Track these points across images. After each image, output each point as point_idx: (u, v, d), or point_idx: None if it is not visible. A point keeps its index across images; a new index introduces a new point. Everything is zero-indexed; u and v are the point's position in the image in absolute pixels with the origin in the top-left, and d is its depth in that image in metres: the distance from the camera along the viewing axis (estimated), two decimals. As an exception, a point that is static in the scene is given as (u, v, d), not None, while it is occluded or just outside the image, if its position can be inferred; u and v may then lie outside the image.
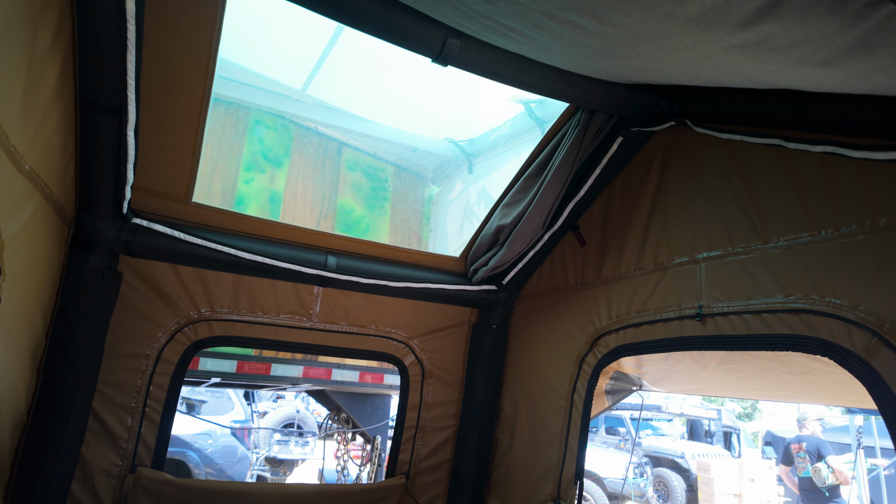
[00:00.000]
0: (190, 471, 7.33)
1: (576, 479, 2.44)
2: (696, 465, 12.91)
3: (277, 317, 2.67)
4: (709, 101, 1.91)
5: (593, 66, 1.47)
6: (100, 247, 2.17)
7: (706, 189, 2.05)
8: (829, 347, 1.58)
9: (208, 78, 2.03)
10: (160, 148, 2.16)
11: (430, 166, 5.16)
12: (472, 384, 3.07)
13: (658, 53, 1.12)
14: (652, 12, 0.91)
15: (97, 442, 2.32)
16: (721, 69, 1.15)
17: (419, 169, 5.15)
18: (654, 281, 2.20)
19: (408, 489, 2.97)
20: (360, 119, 4.51)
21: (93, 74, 1.68)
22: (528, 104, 3.74)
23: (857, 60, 0.87)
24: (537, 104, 3.69)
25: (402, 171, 5.04)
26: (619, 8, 0.93)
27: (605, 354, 2.40)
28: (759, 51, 0.94)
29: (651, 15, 0.92)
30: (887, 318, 1.45)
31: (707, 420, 16.31)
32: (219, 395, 9.05)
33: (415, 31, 1.69)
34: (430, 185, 5.31)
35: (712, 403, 18.34)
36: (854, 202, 1.57)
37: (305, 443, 10.62)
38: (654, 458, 13.89)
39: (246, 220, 2.56)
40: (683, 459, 13.28)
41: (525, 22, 1.13)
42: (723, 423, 16.53)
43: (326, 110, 4.44)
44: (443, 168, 5.11)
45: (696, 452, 13.47)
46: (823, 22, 0.77)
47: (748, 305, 1.81)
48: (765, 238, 1.81)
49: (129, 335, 2.40)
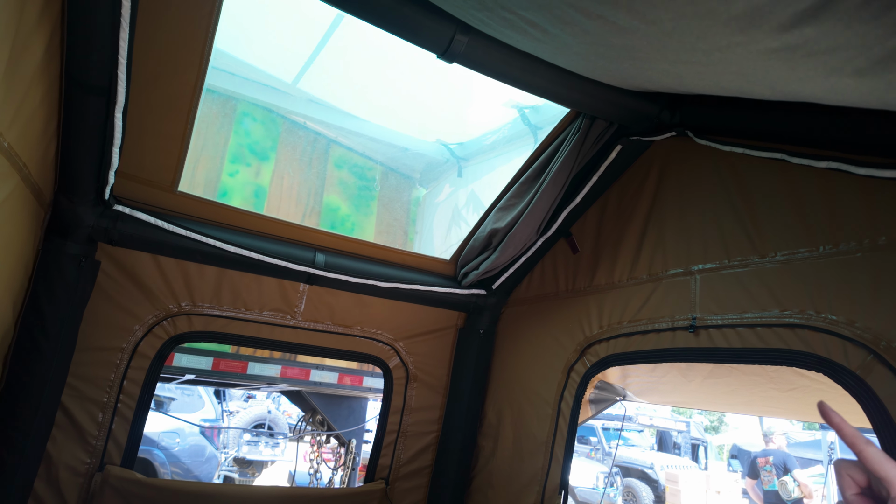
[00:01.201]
0: (156, 470, 7.11)
1: (560, 488, 2.42)
2: (665, 476, 13.08)
3: (261, 313, 2.59)
4: (711, 113, 1.91)
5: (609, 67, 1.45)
6: (78, 233, 2.07)
7: (703, 200, 2.05)
8: (823, 363, 1.58)
9: (203, 63, 1.95)
10: (148, 133, 2.08)
11: (418, 168, 5.11)
12: (457, 389, 3.03)
13: (687, 55, 1.10)
14: (694, 8, 0.89)
15: (65, 438, 2.21)
16: (747, 76, 1.14)
17: (408, 170, 5.10)
18: (648, 291, 2.19)
19: (387, 494, 2.91)
20: (350, 116, 4.45)
21: (82, 51, 1.60)
22: (522, 110, 3.73)
23: (891, 71, 0.86)
24: (531, 110, 3.68)
25: (391, 171, 4.99)
26: (660, 2, 0.91)
27: (595, 363, 2.38)
28: (794, 56, 0.93)
29: (692, 11, 0.90)
30: (884, 335, 1.46)
31: (676, 432, 16.57)
32: (189, 393, 8.82)
33: (423, 25, 1.65)
34: (418, 186, 5.26)
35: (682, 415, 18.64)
36: (854, 219, 1.58)
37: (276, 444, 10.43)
38: (623, 469, 14.02)
39: (233, 212, 2.48)
40: (652, 470, 13.43)
41: (550, 15, 1.10)
42: (691, 436, 16.81)
43: (317, 105, 4.36)
44: (431, 170, 5.07)
45: (665, 464, 13.65)
46: (866, 28, 0.76)
47: (743, 319, 1.81)
48: (762, 252, 1.81)
49: (105, 327, 2.29)
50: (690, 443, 16.58)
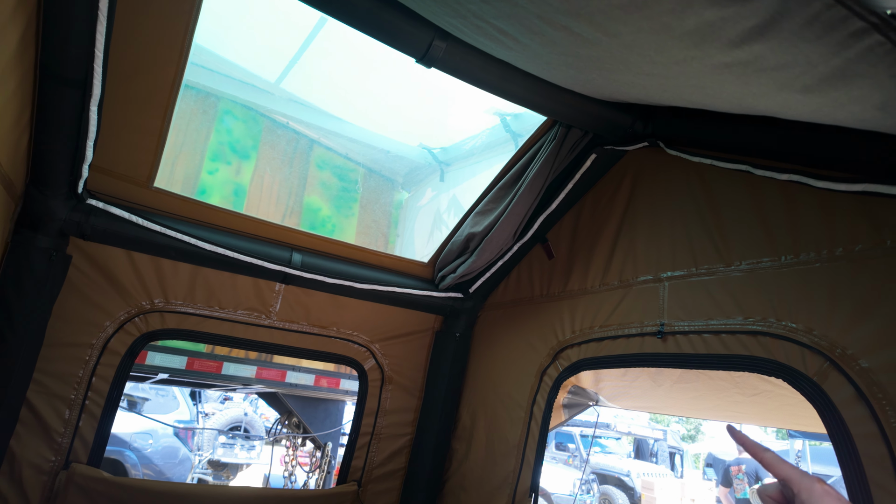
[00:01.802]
0: (127, 471, 6.98)
1: (531, 491, 2.44)
2: (641, 483, 13.21)
3: (235, 312, 2.58)
4: (682, 125, 1.97)
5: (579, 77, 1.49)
6: (49, 226, 2.05)
7: (674, 210, 2.10)
8: (783, 370, 1.63)
9: (182, 59, 1.95)
10: (124, 128, 2.06)
11: (401, 171, 5.13)
12: (432, 392, 3.04)
13: (648, 67, 1.14)
14: (650, 22, 0.93)
15: (29, 434, 2.16)
16: (705, 89, 1.19)
17: (390, 173, 5.12)
18: (619, 297, 2.23)
19: (359, 496, 2.90)
20: (333, 118, 4.45)
21: (58, 43, 1.59)
22: (503, 117, 3.77)
23: (835, 89, 0.91)
24: (513, 118, 3.73)
25: (373, 173, 4.99)
26: (618, 16, 0.94)
27: (567, 367, 2.41)
28: (745, 71, 0.97)
29: (648, 25, 0.94)
30: (839, 343, 1.51)
31: (653, 440, 16.74)
32: (163, 394, 8.68)
33: (402, 29, 1.67)
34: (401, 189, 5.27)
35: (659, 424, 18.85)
36: (814, 231, 1.64)
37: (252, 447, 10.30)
38: (600, 476, 14.12)
39: (209, 209, 2.46)
40: (629, 478, 13.55)
41: (519, 25, 1.13)
42: (668, 444, 17.00)
43: (300, 106, 4.36)
44: (414, 174, 5.09)
45: (642, 471, 13.78)
46: (811, 47, 0.81)
47: (708, 325, 1.86)
48: (728, 261, 1.86)
49: (74, 322, 2.26)
50: (668, 451, 16.77)
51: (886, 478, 1.35)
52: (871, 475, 1.38)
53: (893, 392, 1.38)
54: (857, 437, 1.43)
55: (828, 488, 0.68)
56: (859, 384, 1.44)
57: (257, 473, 10.40)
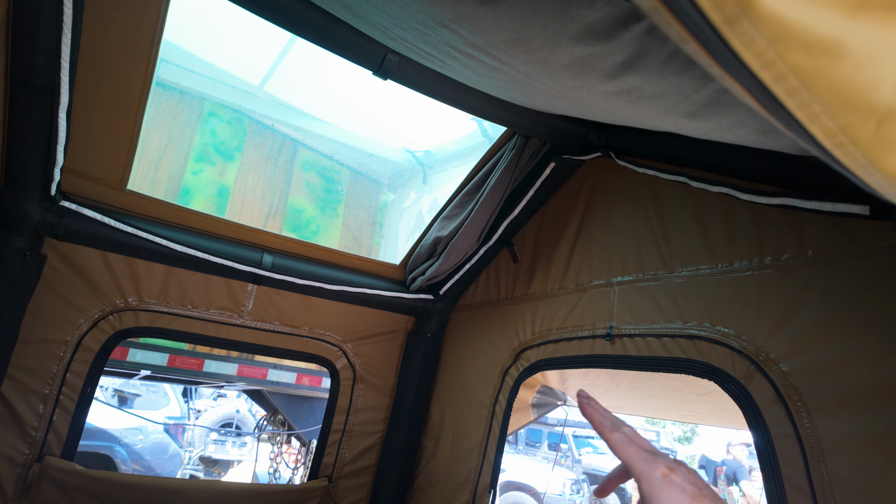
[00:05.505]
0: (116, 466, 7.06)
1: (490, 487, 2.52)
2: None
3: (207, 311, 2.65)
4: (629, 136, 2.04)
5: (513, 95, 1.56)
6: (23, 227, 2.12)
7: (625, 218, 2.18)
8: (714, 372, 1.71)
9: (150, 66, 2.03)
10: (96, 132, 2.14)
11: (386, 173, 5.21)
12: (403, 391, 3.12)
13: (553, 91, 1.22)
14: (531, 56, 1.00)
15: (3, 428, 2.24)
16: (607, 111, 1.26)
17: (375, 175, 5.20)
18: (574, 300, 2.31)
19: (329, 492, 2.98)
20: (317, 120, 4.53)
21: (25, 54, 1.67)
22: (481, 122, 3.85)
23: (714, 115, 0.98)
24: (490, 123, 3.81)
25: (358, 175, 5.08)
26: (505, 50, 1.01)
27: (526, 368, 2.49)
28: (630, 98, 1.05)
29: (531, 58, 1.01)
30: (764, 348, 1.59)
31: (646, 441, 16.79)
32: (154, 390, 8.75)
33: (356, 43, 1.74)
34: (386, 191, 5.36)
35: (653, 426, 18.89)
36: (746, 240, 1.71)
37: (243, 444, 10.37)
38: (592, 476, 14.18)
39: (184, 212, 2.54)
40: (620, 478, 13.58)
41: (438, 51, 1.20)
42: (661, 445, 17.07)
43: (284, 108, 4.44)
44: (399, 176, 5.18)
45: (633, 472, 13.81)
46: (679, 79, 0.87)
47: (651, 329, 1.94)
48: (671, 267, 1.94)
49: (49, 320, 2.34)
50: (659, 452, 16.82)
51: (798, 476, 1.42)
52: (786, 473, 1.46)
53: (808, 395, 1.46)
54: (775, 436, 1.50)
55: (673, 476, 0.56)
56: (779, 387, 1.52)
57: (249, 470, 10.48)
